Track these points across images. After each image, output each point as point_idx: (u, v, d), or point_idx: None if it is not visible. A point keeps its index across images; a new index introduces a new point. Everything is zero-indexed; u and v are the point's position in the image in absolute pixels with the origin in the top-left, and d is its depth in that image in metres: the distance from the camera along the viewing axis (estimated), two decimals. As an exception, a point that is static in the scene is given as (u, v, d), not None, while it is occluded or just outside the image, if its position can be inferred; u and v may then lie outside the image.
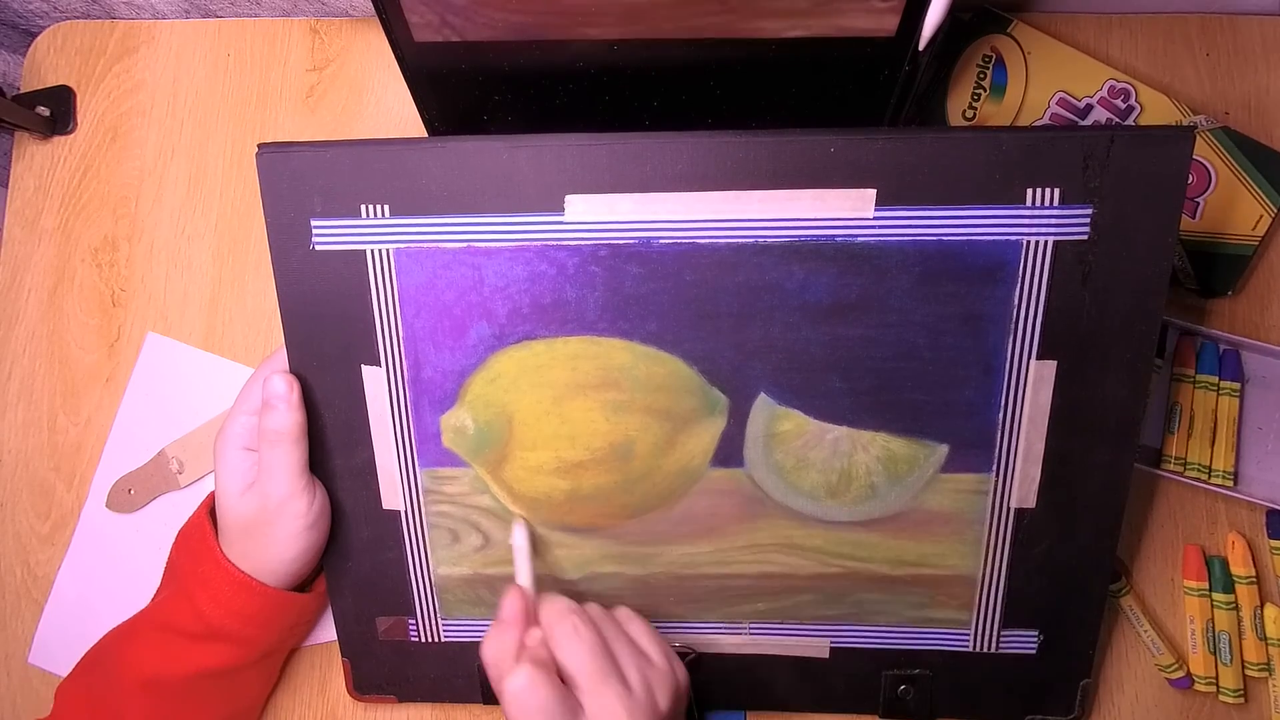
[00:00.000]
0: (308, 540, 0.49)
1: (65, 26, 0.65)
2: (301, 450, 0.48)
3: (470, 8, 0.43)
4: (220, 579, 0.48)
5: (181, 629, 0.49)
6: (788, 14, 0.43)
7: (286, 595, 0.50)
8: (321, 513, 0.49)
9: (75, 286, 0.62)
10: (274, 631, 0.51)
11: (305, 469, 0.48)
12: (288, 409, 0.47)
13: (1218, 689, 0.53)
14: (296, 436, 0.48)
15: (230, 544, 0.49)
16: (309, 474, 0.49)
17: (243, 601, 0.49)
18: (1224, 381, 0.54)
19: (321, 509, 0.49)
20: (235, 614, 0.49)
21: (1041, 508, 0.48)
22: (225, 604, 0.48)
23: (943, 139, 0.44)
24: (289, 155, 0.46)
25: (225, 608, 0.48)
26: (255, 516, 0.48)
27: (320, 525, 0.49)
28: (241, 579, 0.48)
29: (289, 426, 0.47)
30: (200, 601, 0.48)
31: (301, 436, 0.48)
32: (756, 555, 0.50)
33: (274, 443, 0.47)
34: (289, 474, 0.48)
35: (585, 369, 0.48)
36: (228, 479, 0.49)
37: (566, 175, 0.45)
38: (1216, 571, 0.53)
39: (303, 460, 0.48)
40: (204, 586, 0.49)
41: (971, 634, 0.51)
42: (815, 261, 0.45)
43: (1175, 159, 0.43)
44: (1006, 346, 0.46)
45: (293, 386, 0.48)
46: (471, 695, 0.54)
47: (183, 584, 0.50)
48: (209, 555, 0.49)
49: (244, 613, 0.49)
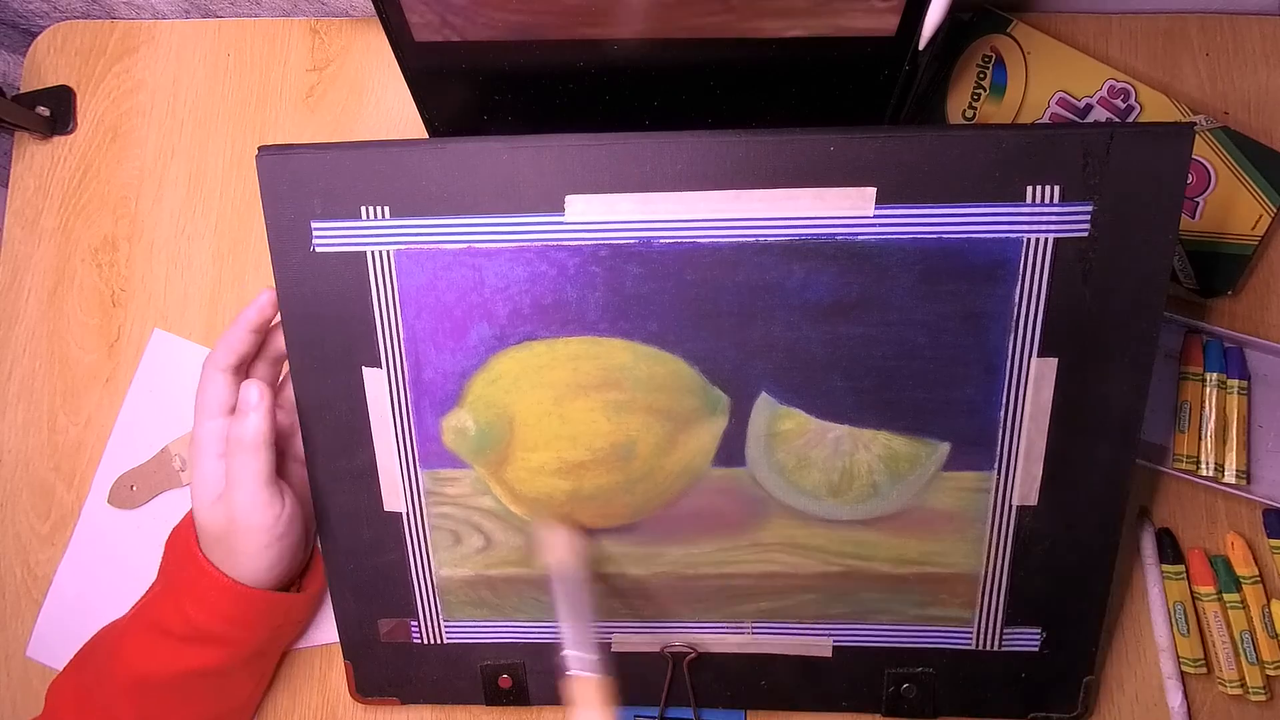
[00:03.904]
0: (278, 550, 0.49)
1: (65, 26, 0.65)
2: (267, 459, 0.47)
3: (470, 8, 0.43)
4: (204, 583, 0.48)
5: (169, 630, 0.49)
6: (788, 14, 0.43)
7: (271, 596, 0.50)
8: (291, 522, 0.49)
9: (75, 286, 0.62)
10: (260, 632, 0.51)
11: (272, 478, 0.48)
12: (257, 417, 0.47)
13: (1246, 689, 0.52)
14: (261, 444, 0.47)
15: (209, 550, 0.49)
16: (276, 483, 0.48)
17: (226, 604, 0.48)
18: (1231, 379, 0.54)
19: (290, 518, 0.49)
20: (220, 617, 0.49)
21: (1043, 505, 0.48)
22: (210, 607, 0.48)
23: (943, 137, 0.44)
24: (289, 157, 0.46)
25: (210, 611, 0.48)
26: (225, 527, 0.48)
27: (290, 534, 0.49)
28: (224, 583, 0.48)
29: (254, 435, 0.47)
30: (186, 604, 0.48)
31: (266, 445, 0.47)
32: (758, 554, 0.50)
33: (238, 450, 0.47)
34: (255, 484, 0.47)
35: (586, 369, 0.48)
36: (199, 488, 0.49)
37: (567, 175, 0.45)
38: (1221, 571, 0.53)
39: (268, 469, 0.48)
40: (189, 590, 0.49)
41: (974, 632, 0.51)
42: (816, 260, 0.45)
43: (1175, 155, 0.43)
44: (1007, 344, 0.46)
45: (264, 394, 0.47)
46: (474, 696, 0.54)
47: (171, 586, 0.50)
48: (192, 559, 0.49)
49: (228, 615, 0.49)
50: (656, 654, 0.52)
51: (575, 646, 0.45)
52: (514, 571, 0.51)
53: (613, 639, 0.52)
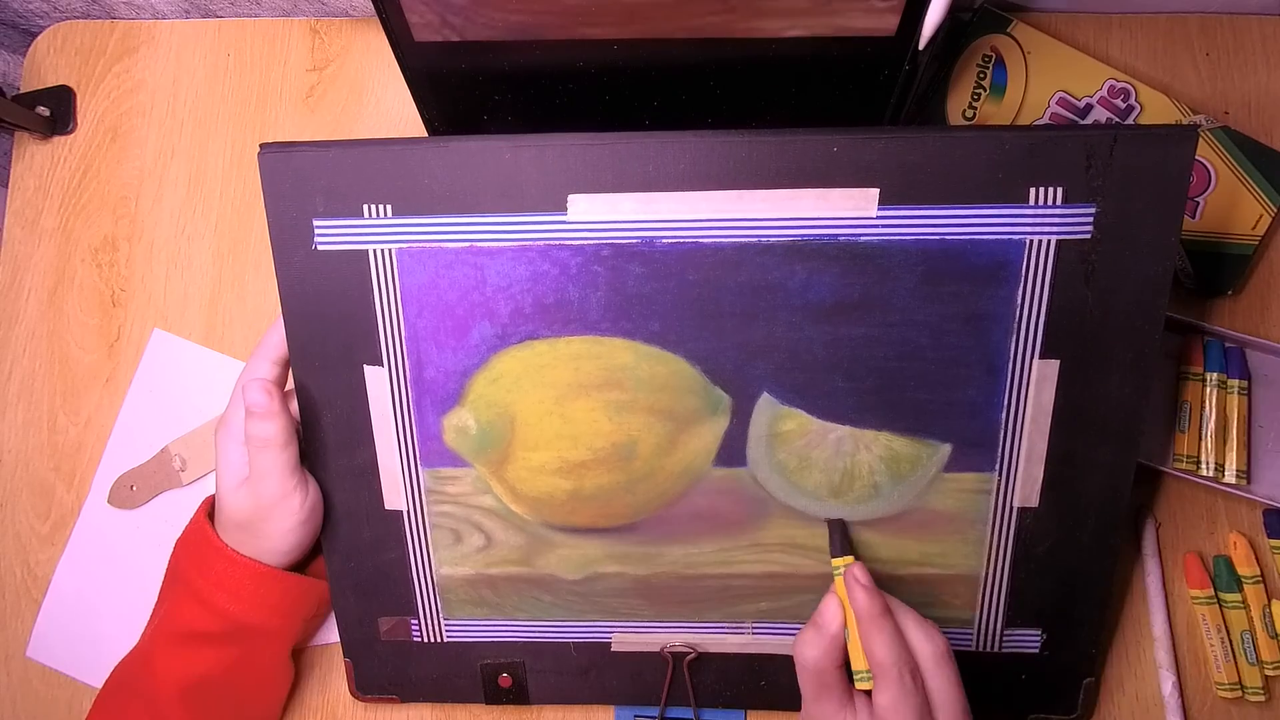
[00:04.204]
0: (301, 534, 0.49)
1: (65, 26, 0.65)
2: (290, 452, 0.48)
3: (470, 8, 0.43)
4: (234, 572, 0.49)
5: (204, 633, 0.49)
6: (788, 14, 0.43)
7: (306, 579, 0.51)
8: (314, 508, 0.50)
9: (75, 286, 0.62)
10: (298, 617, 0.51)
11: (296, 468, 0.49)
12: (271, 417, 0.47)
13: (1243, 690, 0.52)
14: (283, 441, 0.48)
15: (228, 536, 0.49)
16: (300, 472, 0.49)
17: (261, 589, 0.49)
18: (1231, 379, 0.54)
19: (314, 504, 0.50)
20: (259, 605, 0.49)
21: (1044, 507, 0.48)
22: (244, 594, 0.49)
23: (946, 138, 0.44)
24: (291, 155, 0.46)
25: (245, 599, 0.49)
26: (251, 512, 0.48)
27: (313, 519, 0.50)
28: (256, 568, 0.49)
29: (274, 433, 0.47)
30: (218, 598, 0.48)
31: (289, 440, 0.48)
32: (759, 555, 0.50)
33: (261, 448, 0.48)
34: (280, 475, 0.48)
35: (588, 369, 0.48)
36: (225, 472, 0.49)
37: (569, 175, 0.45)
38: (1223, 571, 0.53)
39: (293, 461, 0.48)
40: (220, 586, 0.49)
41: (974, 633, 0.51)
42: (818, 261, 0.45)
43: (1178, 158, 0.43)
44: (1009, 346, 0.46)
45: (272, 395, 0.48)
46: (474, 695, 0.54)
47: (194, 589, 0.49)
48: (218, 555, 0.49)
49: (266, 602, 0.49)
50: (656, 654, 0.52)
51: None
52: (514, 570, 0.51)
53: (613, 639, 0.52)
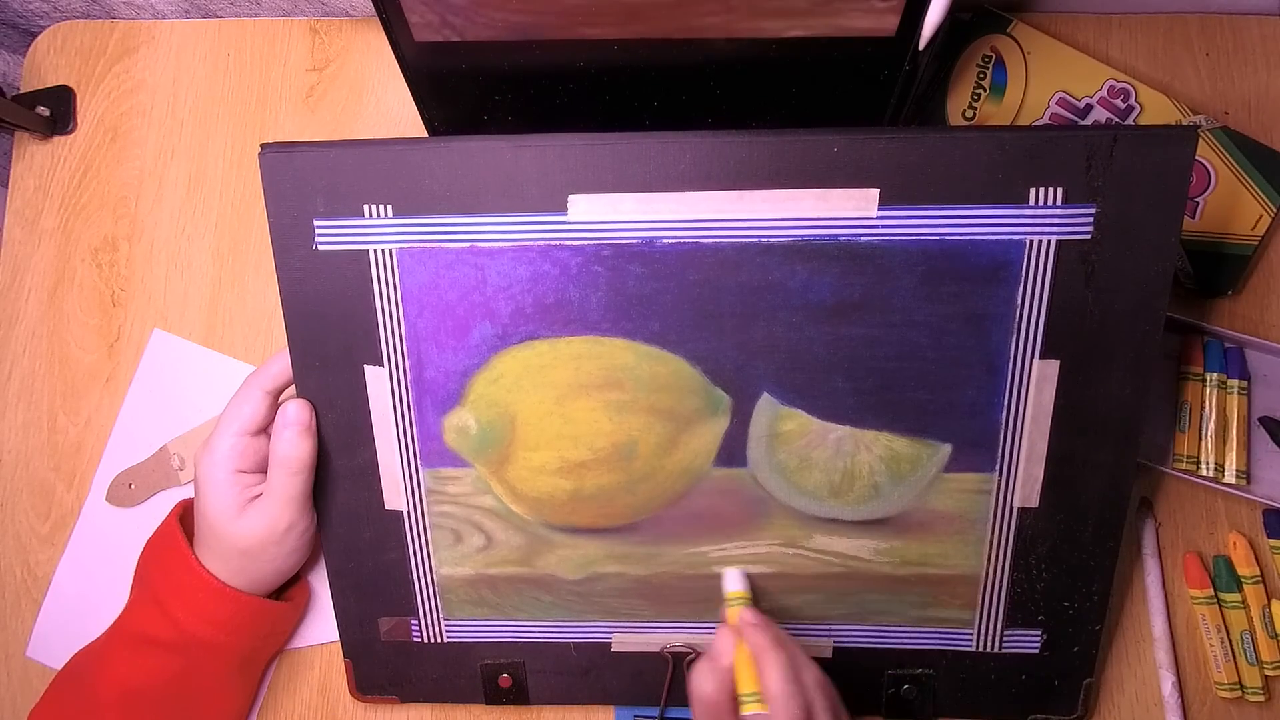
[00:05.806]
0: (302, 554, 0.50)
1: (65, 26, 0.65)
2: (311, 476, 0.49)
3: (470, 8, 0.43)
4: (195, 586, 0.48)
5: (155, 639, 0.48)
6: (788, 14, 0.43)
7: (263, 602, 0.50)
8: (312, 535, 0.51)
9: (75, 286, 0.62)
10: (249, 638, 0.51)
11: (309, 495, 0.49)
12: (308, 436, 0.48)
13: (1243, 690, 0.52)
14: (311, 465, 0.48)
15: (223, 560, 0.49)
16: (310, 498, 0.50)
17: (219, 608, 0.49)
18: (1231, 379, 0.54)
19: (311, 532, 0.50)
20: (211, 621, 0.49)
21: (1044, 507, 0.48)
22: (202, 611, 0.48)
23: (946, 139, 0.44)
24: (292, 155, 0.46)
25: (202, 615, 0.48)
26: (262, 538, 0.48)
27: (308, 547, 0.51)
28: (217, 586, 0.48)
29: (306, 455, 0.48)
30: (174, 610, 0.48)
31: (314, 464, 0.49)
32: (759, 555, 0.50)
33: (292, 471, 0.48)
34: (299, 500, 0.48)
35: (588, 369, 0.48)
36: (222, 503, 0.48)
37: (570, 175, 0.45)
38: (1222, 571, 0.53)
39: (310, 484, 0.49)
40: (177, 595, 0.49)
41: (974, 634, 0.51)
42: (818, 261, 0.45)
43: (1178, 159, 0.43)
44: (1009, 346, 0.46)
45: (311, 413, 0.48)
46: (474, 695, 0.54)
47: (155, 593, 0.49)
48: (182, 563, 0.49)
49: (220, 619, 0.49)
50: (656, 654, 0.52)
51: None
52: (514, 570, 0.51)
53: (613, 639, 0.52)
